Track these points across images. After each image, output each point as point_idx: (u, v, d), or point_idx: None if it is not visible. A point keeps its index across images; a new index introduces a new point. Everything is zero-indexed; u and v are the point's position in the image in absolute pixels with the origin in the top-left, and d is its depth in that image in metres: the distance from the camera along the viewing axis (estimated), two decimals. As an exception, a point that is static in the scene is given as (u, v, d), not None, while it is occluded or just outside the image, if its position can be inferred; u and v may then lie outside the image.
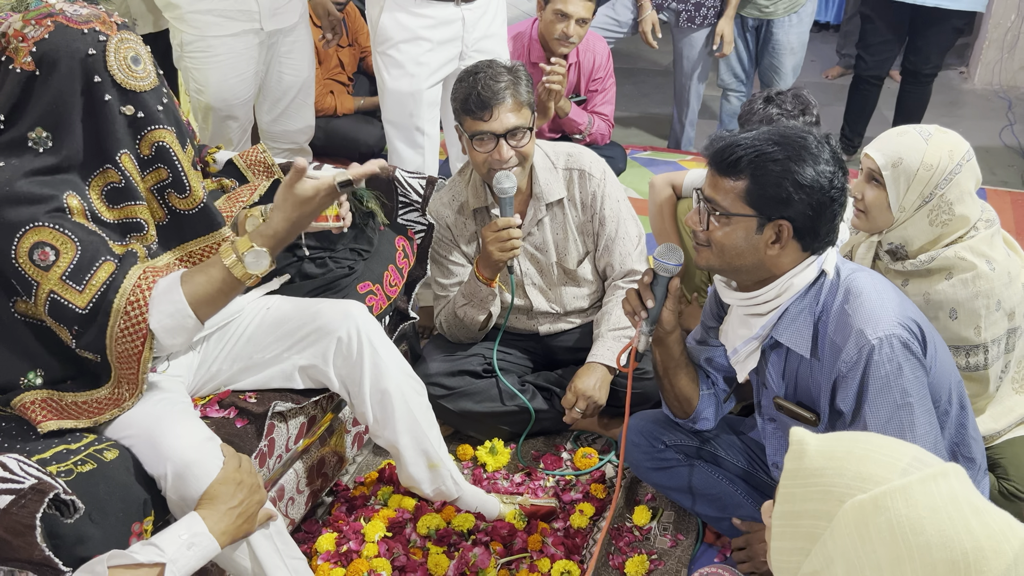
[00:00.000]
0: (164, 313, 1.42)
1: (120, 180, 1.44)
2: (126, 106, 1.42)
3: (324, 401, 1.87)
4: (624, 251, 2.18)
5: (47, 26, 1.38)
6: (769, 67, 3.74)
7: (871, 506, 0.81)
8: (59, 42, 1.37)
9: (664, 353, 1.73)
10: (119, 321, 1.40)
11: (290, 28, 2.74)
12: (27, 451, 1.38)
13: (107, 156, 1.42)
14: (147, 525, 1.41)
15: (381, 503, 2.01)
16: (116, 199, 1.45)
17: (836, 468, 0.86)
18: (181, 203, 1.53)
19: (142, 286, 1.41)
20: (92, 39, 1.39)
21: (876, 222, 1.81)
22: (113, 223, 1.45)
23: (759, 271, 1.53)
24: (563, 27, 2.94)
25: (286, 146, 2.99)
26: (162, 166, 1.48)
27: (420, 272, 2.13)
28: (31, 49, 1.37)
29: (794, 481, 0.89)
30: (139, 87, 1.43)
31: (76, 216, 1.40)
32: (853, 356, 1.44)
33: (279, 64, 2.78)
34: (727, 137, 1.50)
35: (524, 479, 2.11)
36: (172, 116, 1.50)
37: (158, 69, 1.48)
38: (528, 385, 2.21)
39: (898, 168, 1.74)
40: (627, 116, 4.59)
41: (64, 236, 1.38)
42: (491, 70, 1.98)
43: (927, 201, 1.74)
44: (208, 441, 1.47)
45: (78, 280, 1.38)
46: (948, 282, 1.75)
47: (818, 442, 0.89)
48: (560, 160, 2.16)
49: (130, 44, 1.42)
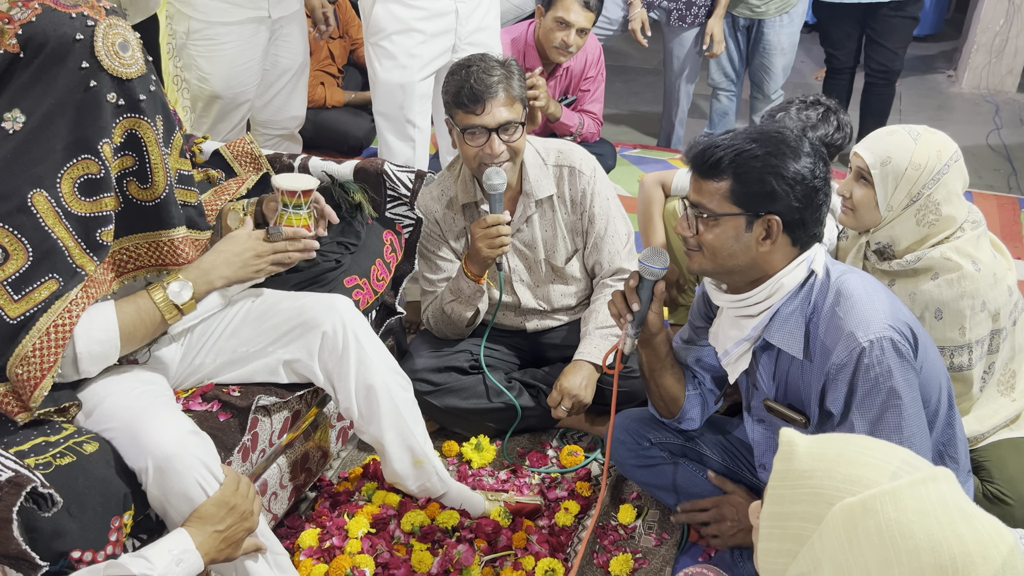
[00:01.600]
0: (93, 340, 1.41)
1: (99, 171, 1.40)
2: (110, 93, 1.39)
3: (309, 396, 1.86)
4: (613, 249, 2.17)
5: (34, 8, 1.34)
6: (759, 67, 3.75)
7: (860, 509, 0.81)
8: (46, 25, 1.34)
9: (650, 354, 1.72)
10: (35, 340, 1.35)
11: (293, 14, 2.75)
12: (4, 443, 1.36)
13: (88, 145, 1.38)
14: (127, 519, 1.39)
15: (365, 499, 1.99)
16: (90, 191, 1.40)
17: (825, 470, 0.85)
18: (140, 193, 1.48)
19: (72, 311, 1.38)
20: (80, 23, 1.35)
21: (864, 220, 1.82)
22: (84, 216, 1.40)
23: (752, 271, 1.53)
24: (563, 36, 2.94)
25: (276, 132, 2.97)
26: (130, 154, 1.44)
27: (408, 267, 2.11)
28: (17, 31, 1.33)
29: (783, 482, 0.89)
30: (126, 74, 1.39)
31: (42, 215, 1.35)
32: (843, 358, 1.44)
33: (276, 48, 2.76)
34: (705, 140, 1.50)
35: (509, 476, 2.10)
36: (157, 104, 1.46)
37: (147, 56, 1.45)
38: (515, 382, 2.20)
39: (887, 167, 1.74)
40: (617, 114, 4.59)
41: (18, 242, 1.34)
42: (484, 63, 1.96)
43: (914, 200, 1.75)
44: (191, 435, 1.45)
45: (18, 290, 1.35)
46: (934, 282, 1.75)
47: (808, 444, 0.89)
48: (550, 157, 2.14)
49: (118, 30, 1.39)
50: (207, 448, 1.47)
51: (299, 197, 1.60)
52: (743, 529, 1.77)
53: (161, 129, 1.48)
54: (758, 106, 3.89)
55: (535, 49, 3.07)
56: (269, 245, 1.57)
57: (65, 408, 1.45)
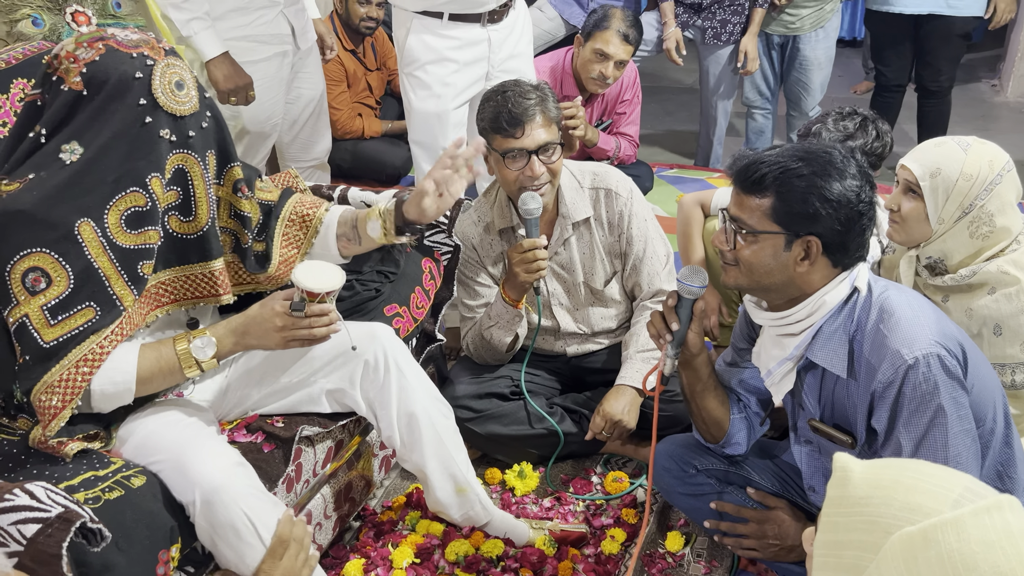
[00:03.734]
0: (108, 380, 1.43)
1: (146, 204, 1.44)
2: (164, 129, 1.44)
3: (351, 425, 1.86)
4: (652, 271, 2.15)
5: (98, 49, 1.41)
6: (796, 83, 3.71)
7: (920, 539, 0.78)
8: (108, 64, 1.40)
9: (691, 375, 1.70)
10: (64, 371, 1.38)
11: (311, 47, 2.85)
12: (55, 477, 1.38)
13: (137, 179, 1.43)
14: (174, 552, 1.40)
15: (409, 528, 1.99)
16: (136, 224, 1.44)
17: (882, 497, 0.82)
18: (181, 226, 1.52)
19: (104, 346, 1.41)
20: (140, 63, 1.41)
21: (913, 234, 1.77)
22: (127, 247, 1.44)
23: (789, 289, 1.50)
24: (601, 68, 2.96)
25: (307, 163, 3.04)
26: (176, 188, 1.49)
27: (447, 293, 2.12)
28: (81, 70, 1.40)
29: (838, 509, 0.86)
30: (180, 111, 1.45)
31: (87, 244, 1.40)
32: (889, 376, 1.41)
33: (298, 81, 2.85)
34: (750, 155, 1.48)
35: (553, 504, 2.08)
36: (209, 140, 1.51)
37: (203, 93, 1.50)
38: (556, 408, 2.19)
39: (936, 179, 1.70)
40: (652, 134, 4.57)
41: (62, 269, 1.38)
42: (518, 88, 1.98)
43: (967, 212, 1.70)
44: (237, 466, 1.46)
45: (55, 315, 1.38)
46: (991, 297, 1.70)
47: (863, 469, 0.86)
48: (586, 179, 2.14)
49: (175, 69, 1.45)
50: (253, 479, 1.48)
51: (322, 297, 1.48)
52: (784, 547, 1.72)
53: (212, 164, 1.53)
54: (795, 123, 3.85)
55: (572, 77, 3.08)
56: (292, 321, 1.48)
57: (93, 435, 1.48)
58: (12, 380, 1.44)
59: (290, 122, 2.90)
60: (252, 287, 1.71)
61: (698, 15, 3.63)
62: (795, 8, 3.53)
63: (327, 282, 1.47)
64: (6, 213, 1.37)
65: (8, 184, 1.41)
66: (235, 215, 1.62)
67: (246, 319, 1.52)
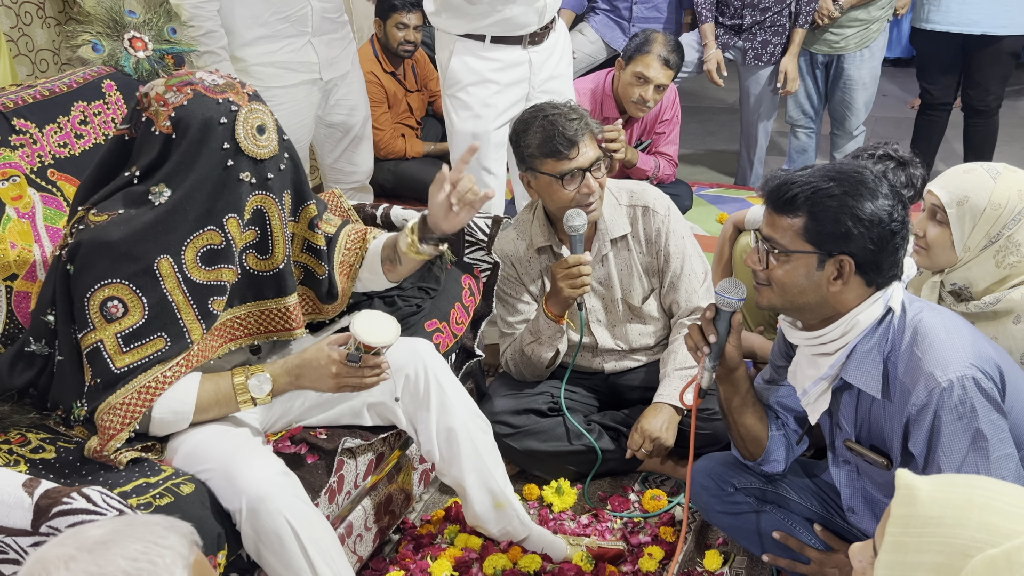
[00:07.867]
0: (168, 409, 1.50)
1: (221, 243, 1.52)
2: (245, 172, 1.51)
3: (392, 438, 1.89)
4: (690, 288, 2.16)
5: (186, 93, 1.49)
6: (840, 103, 3.69)
7: (1004, 562, 0.75)
8: (195, 109, 1.48)
9: (729, 390, 1.70)
10: (127, 395, 1.46)
11: (344, 75, 2.92)
12: (110, 483, 1.44)
13: (215, 218, 1.50)
14: (220, 559, 1.45)
15: (448, 542, 2.01)
16: (211, 261, 1.52)
17: (956, 518, 0.80)
18: (257, 264, 1.60)
19: (167, 376, 1.49)
20: (225, 108, 1.49)
21: (938, 260, 1.76)
22: (201, 283, 1.52)
23: (823, 309, 1.50)
24: (641, 91, 2.99)
25: (349, 185, 3.12)
26: (255, 228, 1.57)
27: (485, 309, 2.15)
28: (170, 113, 1.48)
29: (905, 529, 0.83)
30: (260, 155, 1.52)
31: (164, 278, 1.48)
32: (923, 399, 1.39)
33: (338, 107, 2.96)
34: (782, 175, 1.49)
35: (591, 520, 2.09)
36: (286, 180, 1.59)
37: (282, 135, 1.58)
38: (594, 424, 2.19)
39: (963, 207, 1.69)
40: (692, 153, 4.57)
41: (138, 300, 1.46)
42: (558, 110, 2.02)
43: (993, 241, 1.68)
44: (282, 475, 1.50)
45: (128, 343, 1.47)
46: (1017, 326, 1.68)
47: (931, 487, 0.83)
48: (623, 197, 2.16)
49: (258, 114, 1.52)
50: (298, 489, 1.52)
51: (379, 350, 1.53)
52: None
53: (288, 203, 1.61)
54: (839, 143, 3.82)
55: (612, 99, 3.11)
56: (347, 370, 1.53)
57: (149, 446, 1.54)
58: (74, 398, 1.51)
59: (333, 143, 2.99)
60: (317, 316, 1.78)
61: (739, 36, 3.64)
62: (839, 28, 3.52)
63: (384, 336, 1.52)
64: (93, 243, 1.46)
65: (96, 215, 1.50)
66: (308, 248, 1.70)
67: (301, 362, 1.56)
